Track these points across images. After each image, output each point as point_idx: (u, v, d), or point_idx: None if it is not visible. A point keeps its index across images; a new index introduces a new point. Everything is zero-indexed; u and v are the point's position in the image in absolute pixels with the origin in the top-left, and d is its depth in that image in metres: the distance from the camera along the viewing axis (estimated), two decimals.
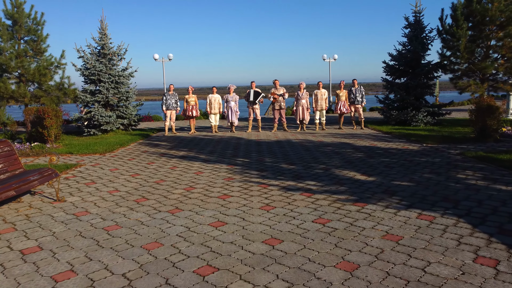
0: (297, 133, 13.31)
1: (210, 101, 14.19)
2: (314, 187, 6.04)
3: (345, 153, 9.07)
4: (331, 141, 11.05)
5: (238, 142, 11.40)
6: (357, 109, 14.08)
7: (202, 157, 9.01)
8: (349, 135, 12.33)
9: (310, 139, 11.63)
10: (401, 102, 14.91)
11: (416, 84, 14.50)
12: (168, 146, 11.01)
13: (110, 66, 14.30)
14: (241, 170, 7.45)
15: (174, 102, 14.02)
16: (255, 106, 14.07)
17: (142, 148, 10.86)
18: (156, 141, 12.23)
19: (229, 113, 14.06)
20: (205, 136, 13.15)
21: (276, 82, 14.09)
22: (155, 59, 19.83)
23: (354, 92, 13.94)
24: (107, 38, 14.34)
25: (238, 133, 13.81)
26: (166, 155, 9.54)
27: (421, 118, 14.24)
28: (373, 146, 9.95)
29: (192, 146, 10.95)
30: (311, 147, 10.12)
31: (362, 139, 11.30)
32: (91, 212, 5.08)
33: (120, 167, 8.09)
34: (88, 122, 13.86)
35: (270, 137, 12.38)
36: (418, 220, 4.46)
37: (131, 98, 14.58)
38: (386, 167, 7.41)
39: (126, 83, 14.72)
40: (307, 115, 14.04)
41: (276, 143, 11.06)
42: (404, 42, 15.18)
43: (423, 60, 14.98)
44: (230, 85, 14.09)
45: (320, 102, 14.05)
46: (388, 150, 9.34)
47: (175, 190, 6.13)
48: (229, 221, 4.59)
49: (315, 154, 9.04)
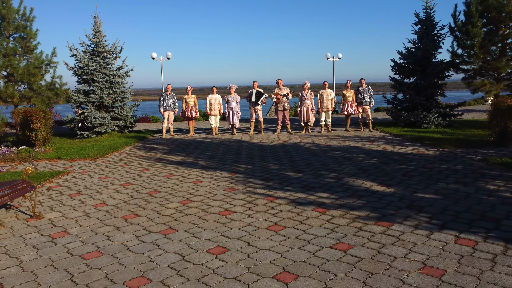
0: (302, 136, 12.58)
1: (210, 101, 13.47)
2: (328, 201, 5.31)
3: (356, 158, 8.34)
4: (339, 145, 10.32)
5: (239, 146, 10.67)
6: (365, 110, 13.35)
7: (201, 163, 8.29)
8: (357, 138, 11.60)
9: (317, 142, 10.90)
10: (411, 103, 14.18)
11: (427, 84, 13.77)
12: (165, 150, 10.29)
13: (105, 65, 13.57)
14: (244, 179, 6.72)
15: (172, 102, 13.30)
16: (257, 107, 13.35)
17: (137, 152, 10.13)
18: (152, 144, 11.51)
19: (230, 114, 13.33)
20: (205, 139, 12.43)
21: (279, 82, 13.37)
22: (153, 58, 19.10)
23: (362, 92, 13.21)
24: (101, 35, 13.61)
25: (240, 136, 13.08)
26: (162, 160, 8.82)
27: (432, 120, 13.51)
28: (385, 151, 9.22)
29: (191, 150, 10.23)
30: (319, 151, 9.39)
31: (372, 143, 10.57)
32: (70, 233, 4.35)
33: (110, 175, 7.36)
34: (82, 124, 13.13)
35: (273, 140, 11.66)
36: (457, 246, 3.73)
37: (127, 99, 13.85)
38: (404, 175, 6.68)
39: (121, 83, 13.99)
40: (312, 116, 13.31)
41: (281, 146, 10.33)
42: (414, 39, 14.45)
43: (434, 58, 14.26)
44: (231, 84, 13.37)
45: (326, 102, 13.33)
46: (403, 155, 8.60)
47: (170, 204, 5.40)
48: (231, 247, 3.86)
49: (323, 159, 8.31)
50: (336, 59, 22.85)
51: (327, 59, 22.86)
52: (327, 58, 22.83)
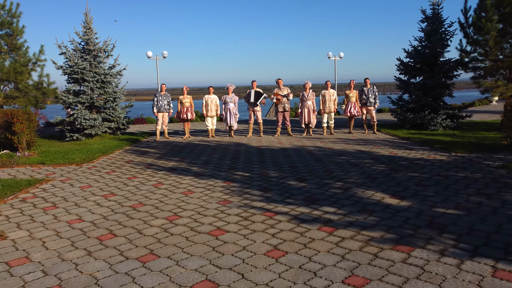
0: (303, 138, 11.92)
1: (206, 102, 12.80)
2: (335, 217, 4.64)
3: (363, 164, 7.68)
4: (343, 149, 9.66)
5: (237, 150, 10.01)
6: (369, 111, 12.68)
7: (195, 170, 7.62)
8: (362, 141, 10.93)
9: (319, 146, 10.23)
10: (417, 104, 13.51)
11: (435, 84, 13.10)
12: (157, 154, 9.62)
13: (96, 63, 12.90)
14: (240, 189, 6.05)
15: (167, 103, 12.63)
16: (256, 108, 12.68)
17: (127, 156, 9.46)
18: (145, 148, 10.84)
19: (227, 115, 12.67)
20: (201, 142, 11.76)
21: (280, 82, 12.71)
22: (149, 57, 18.43)
23: (366, 93, 12.55)
24: (92, 32, 12.94)
25: (238, 138, 12.42)
26: (153, 166, 8.15)
27: (439, 122, 12.85)
28: (393, 156, 8.55)
29: (185, 154, 9.56)
30: (322, 156, 8.73)
31: (379, 146, 9.90)
32: (33, 259, 3.69)
33: (94, 184, 6.69)
34: (71, 126, 12.46)
35: (273, 143, 10.99)
36: (497, 282, 3.06)
37: (119, 99, 13.18)
38: (418, 185, 6.02)
39: (113, 83, 13.33)
40: (313, 118, 12.65)
41: (281, 150, 9.66)
42: (421, 37, 13.78)
43: (442, 57, 13.59)
44: (228, 84, 12.70)
45: (329, 103, 12.66)
46: (413, 161, 7.94)
47: (155, 220, 4.74)
48: (222, 281, 3.19)
49: (327, 165, 7.64)
50: (338, 58, 22.18)
51: (329, 58, 22.20)
52: (328, 57, 22.17)
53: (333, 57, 22.20)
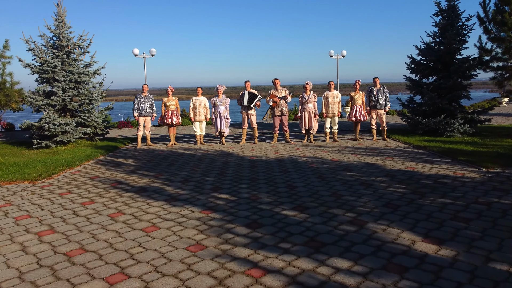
0: (303, 146, 10.46)
1: (194, 105, 11.35)
2: (352, 280, 3.19)
3: (377, 184, 6.23)
4: (351, 161, 8.20)
5: (226, 161, 8.55)
6: (379, 115, 11.24)
7: (169, 191, 6.16)
8: (371, 151, 9.48)
9: (322, 157, 8.78)
10: (431, 107, 12.06)
11: (452, 84, 11.65)
12: (131, 167, 8.16)
13: (69, 61, 11.44)
14: (220, 224, 4.59)
15: (149, 106, 11.18)
16: (250, 112, 11.23)
17: (96, 170, 8.00)
18: (120, 158, 9.38)
19: (217, 120, 11.21)
20: (186, 150, 10.30)
21: (277, 82, 11.25)
22: (135, 55, 16.97)
23: (376, 94, 11.10)
24: (66, 26, 11.48)
25: (229, 145, 10.97)
26: (121, 184, 6.69)
27: (457, 127, 11.41)
28: (412, 171, 7.10)
29: (164, 167, 8.10)
30: (326, 171, 7.28)
31: (391, 158, 8.45)
32: None
33: (36, 212, 5.23)
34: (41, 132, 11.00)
35: (268, 153, 9.54)
36: None
37: (96, 101, 11.72)
38: (455, 218, 4.57)
39: (90, 83, 11.87)
40: (315, 123, 11.20)
41: (277, 163, 8.21)
42: (434, 32, 12.34)
43: (458, 54, 12.14)
44: (218, 85, 11.25)
45: (332, 106, 11.21)
46: (438, 179, 6.48)
47: (85, 285, 3.27)
48: None
49: (333, 185, 6.19)
50: (340, 57, 20.73)
51: (330, 57, 20.75)
52: (330, 55, 20.71)
53: (335, 55, 20.75)
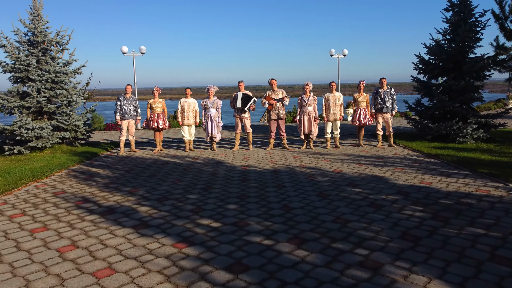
0: (302, 153, 9.47)
1: (182, 107, 10.35)
2: None
3: (389, 205, 5.24)
4: (356, 173, 7.22)
5: (214, 172, 7.56)
6: (385, 119, 10.25)
7: (142, 212, 5.17)
8: (377, 160, 8.49)
9: (322, 167, 7.79)
10: (441, 110, 11.08)
11: (464, 86, 10.67)
12: (106, 180, 7.17)
13: (46, 59, 10.44)
14: (193, 267, 3.59)
15: (133, 109, 10.19)
16: (244, 115, 10.24)
17: (65, 183, 7.01)
18: (97, 167, 8.39)
19: (208, 124, 10.22)
20: (172, 158, 9.31)
21: (273, 82, 10.26)
22: (124, 53, 15.96)
23: (382, 96, 10.11)
24: (42, 20, 10.47)
25: (220, 152, 9.97)
26: (88, 202, 5.70)
27: (470, 132, 10.43)
28: (428, 187, 6.12)
29: (143, 179, 7.11)
30: (327, 186, 6.29)
31: (401, 169, 7.47)
32: None
33: None
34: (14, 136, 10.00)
35: (263, 162, 8.54)
36: None
37: (76, 103, 10.72)
38: (494, 258, 3.57)
39: (69, 83, 10.87)
40: (315, 127, 10.21)
41: (272, 175, 7.22)
42: (445, 29, 11.36)
43: (471, 53, 11.17)
44: (209, 86, 10.25)
45: (333, 109, 10.23)
46: (460, 198, 5.49)
47: None
48: None
49: (337, 206, 5.20)
50: (342, 56, 19.73)
51: (331, 56, 19.75)
52: (331, 54, 19.72)
53: (336, 54, 19.75)
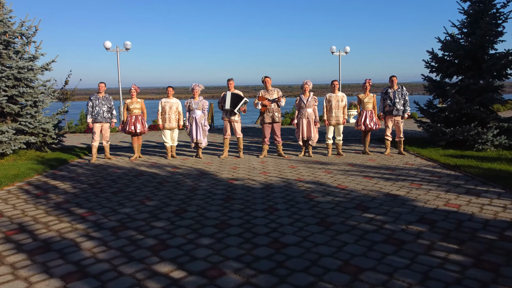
0: (300, 163, 8.20)
1: (163, 108, 9.07)
2: None
3: (411, 240, 3.97)
4: (364, 189, 5.95)
5: (194, 187, 6.29)
6: (396, 123, 8.99)
7: (86, 250, 3.89)
8: (388, 171, 7.22)
9: (324, 181, 6.52)
10: (457, 113, 9.81)
11: (483, 85, 9.41)
12: (61, 197, 5.89)
13: (8, 53, 9.16)
14: None
15: (106, 110, 8.92)
16: (233, 118, 8.97)
17: (8, 201, 5.72)
18: (59, 179, 7.11)
19: (192, 128, 8.94)
20: (149, 168, 8.03)
21: (267, 81, 8.98)
22: (107, 49, 14.68)
23: (392, 96, 8.84)
24: (4, 9, 9.19)
25: (206, 160, 8.70)
26: (22, 233, 4.42)
27: (490, 138, 9.17)
28: (456, 212, 4.85)
29: (107, 197, 5.83)
30: (330, 210, 5.02)
31: (418, 184, 6.19)
32: None
33: None
34: None
35: (254, 173, 7.27)
36: None
37: (43, 103, 9.44)
38: None
39: (36, 81, 9.60)
40: (315, 132, 8.94)
41: (263, 193, 5.94)
42: (463, 21, 10.09)
43: (491, 48, 9.90)
44: (194, 84, 8.98)
45: (336, 112, 8.96)
46: (504, 230, 4.22)
47: None
48: None
49: (345, 242, 3.93)
50: (343, 53, 18.47)
51: (332, 53, 18.48)
52: (332, 52, 18.45)
53: (337, 52, 18.49)
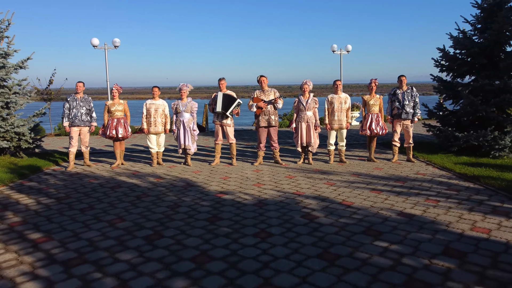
0: (299, 172, 7.35)
1: (148, 111, 8.22)
2: None
3: (438, 281, 3.12)
4: (372, 207, 5.09)
5: (176, 204, 5.43)
6: (405, 127, 8.15)
7: None
8: (398, 183, 6.36)
9: (326, 196, 5.67)
10: (472, 116, 8.96)
11: (502, 86, 8.56)
12: (17, 216, 5.03)
13: None
14: None
15: (85, 112, 8.07)
16: (225, 121, 8.11)
17: None
18: (24, 192, 6.25)
19: (180, 133, 8.08)
20: (130, 177, 7.17)
21: (263, 80, 8.12)
22: (94, 46, 13.83)
23: (401, 98, 7.99)
24: None
25: (195, 167, 7.84)
26: None
27: (508, 144, 8.33)
28: (486, 239, 4.00)
29: (71, 216, 4.97)
30: (334, 236, 4.17)
31: (435, 201, 5.34)
32: None
33: None
34: None
35: (246, 185, 6.41)
36: None
37: (16, 105, 8.58)
38: None
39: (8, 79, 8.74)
40: (315, 137, 8.09)
41: (255, 211, 5.08)
42: (477, 15, 9.24)
43: (508, 45, 9.05)
44: (181, 84, 8.12)
45: (338, 115, 8.11)
46: None
47: None
48: None
49: (354, 285, 3.09)
50: (345, 52, 17.62)
51: (333, 52, 17.62)
52: (332, 50, 17.59)
53: (338, 50, 17.63)
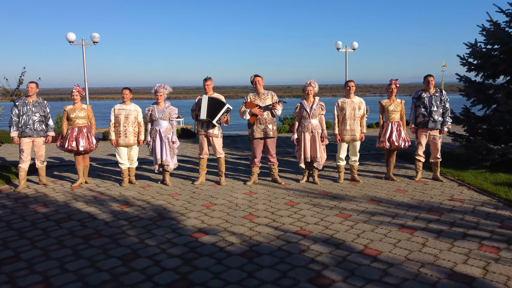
0: (302, 195, 5.83)
1: (116, 118, 6.70)
2: None
3: None
4: (409, 260, 3.59)
5: (134, 252, 3.92)
6: (432, 138, 6.65)
7: None
8: (432, 215, 4.84)
9: (340, 238, 4.16)
10: (507, 125, 7.47)
11: None
12: None
13: None
14: None
15: (39, 120, 6.58)
16: (211, 132, 6.60)
17: None
18: None
19: (155, 145, 6.57)
20: (88, 204, 5.65)
21: (258, 81, 6.60)
22: (70, 42, 12.33)
23: (428, 103, 6.49)
24: None
25: (175, 187, 6.32)
26: None
27: None
28: None
29: None
30: None
31: (491, 247, 3.84)
32: None
33: None
34: None
35: (234, 217, 4.90)
36: None
37: None
38: None
39: None
40: (321, 151, 6.57)
41: (240, 268, 3.56)
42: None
43: None
44: (157, 86, 6.59)
45: (351, 123, 6.60)
46: None
47: None
48: None
49: None
50: (350, 50, 16.14)
51: (338, 50, 16.14)
52: (337, 48, 16.11)
53: (343, 48, 16.15)
